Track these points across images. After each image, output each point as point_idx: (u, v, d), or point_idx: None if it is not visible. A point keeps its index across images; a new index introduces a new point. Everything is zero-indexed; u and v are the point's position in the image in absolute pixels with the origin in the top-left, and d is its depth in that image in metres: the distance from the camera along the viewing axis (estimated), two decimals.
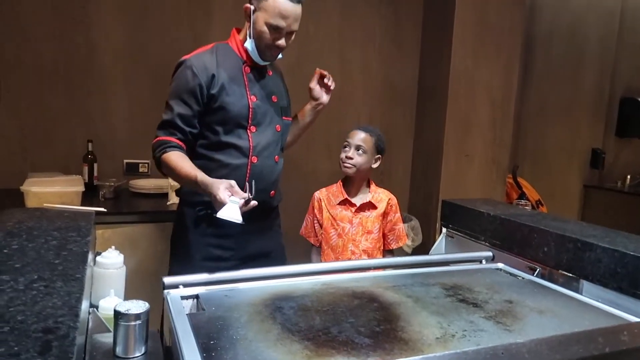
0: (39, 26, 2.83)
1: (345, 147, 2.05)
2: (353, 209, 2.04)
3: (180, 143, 1.70)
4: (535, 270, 1.65)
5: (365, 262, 1.50)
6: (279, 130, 1.83)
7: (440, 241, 2.17)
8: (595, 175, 4.84)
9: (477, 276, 1.43)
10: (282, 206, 2.02)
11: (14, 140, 2.86)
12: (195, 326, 0.99)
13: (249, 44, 1.71)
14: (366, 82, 3.71)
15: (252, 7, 1.67)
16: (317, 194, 2.11)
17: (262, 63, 1.75)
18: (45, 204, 2.01)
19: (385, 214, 2.09)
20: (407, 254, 3.43)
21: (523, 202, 2.28)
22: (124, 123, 3.07)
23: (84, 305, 1.05)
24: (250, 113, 1.74)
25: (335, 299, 1.17)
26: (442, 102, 3.59)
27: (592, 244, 1.47)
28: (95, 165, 2.88)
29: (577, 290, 1.53)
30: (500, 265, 1.58)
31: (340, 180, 2.11)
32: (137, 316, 1.02)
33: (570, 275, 1.54)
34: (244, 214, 1.41)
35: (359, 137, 2.02)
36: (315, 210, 2.10)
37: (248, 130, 1.75)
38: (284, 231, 2.02)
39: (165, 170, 1.69)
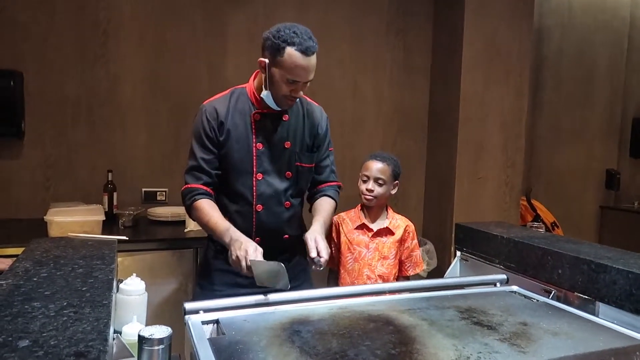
0: (63, 61, 2.96)
1: (365, 180, 2.07)
2: (370, 234, 2.07)
3: (209, 190, 1.75)
4: (551, 293, 1.65)
5: (381, 286, 1.53)
6: (290, 176, 1.81)
7: (455, 264, 2.18)
8: (611, 196, 4.81)
9: (491, 299, 1.44)
10: None
11: (38, 171, 2.96)
12: (216, 350, 1.03)
13: (265, 95, 1.71)
14: (378, 109, 3.78)
15: (267, 61, 1.65)
16: (335, 218, 2.14)
17: (277, 108, 1.76)
18: (68, 233, 2.07)
19: (402, 241, 2.11)
20: (422, 278, 3.43)
21: (536, 224, 2.29)
22: (143, 153, 3.16)
23: (110, 330, 1.10)
24: (255, 160, 1.75)
25: (351, 323, 1.20)
26: (453, 126, 3.63)
27: (607, 266, 1.48)
28: (115, 194, 2.96)
29: (593, 313, 1.54)
30: (515, 287, 1.59)
31: (359, 205, 2.14)
32: (160, 341, 1.06)
33: (586, 297, 1.55)
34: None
35: (377, 167, 2.05)
36: (333, 234, 2.13)
37: (254, 178, 1.75)
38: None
39: (195, 217, 1.75)
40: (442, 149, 3.79)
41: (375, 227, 2.08)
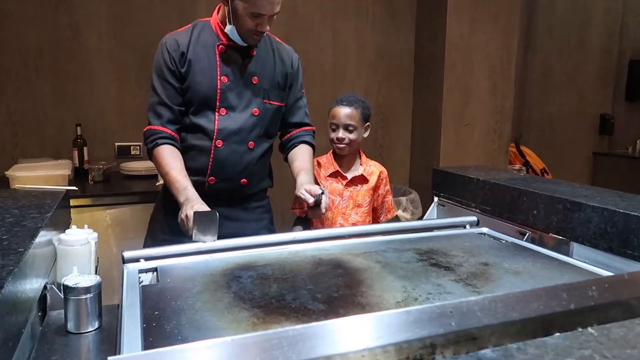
0: (21, 10, 2.79)
1: (333, 128, 1.96)
2: (344, 182, 1.97)
3: (171, 132, 1.64)
4: (525, 235, 1.58)
5: (342, 230, 1.44)
6: (257, 114, 1.70)
7: (432, 210, 2.10)
8: (604, 142, 4.69)
9: (456, 241, 1.36)
10: (276, 189, 1.94)
11: (3, 127, 2.85)
12: (144, 299, 0.95)
13: (229, 30, 1.61)
14: (360, 55, 3.61)
15: None
16: None
17: (243, 44, 1.65)
18: (15, 185, 1.98)
19: (376, 188, 2.02)
20: None
21: (518, 167, 2.19)
22: (113, 106, 3.04)
23: (36, 276, 1.02)
24: (219, 94, 1.64)
25: (298, 267, 1.12)
26: (439, 71, 3.48)
27: (582, 204, 1.39)
28: (86, 149, 2.86)
29: (567, 253, 1.46)
30: (485, 229, 1.52)
31: (331, 151, 2.03)
32: (86, 289, 0.99)
33: (560, 237, 1.47)
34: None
35: (344, 113, 1.92)
36: None
37: (216, 113, 1.65)
38: (279, 214, 1.94)
39: (155, 164, 1.65)
40: (428, 95, 3.65)
41: (349, 175, 1.98)
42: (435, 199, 2.10)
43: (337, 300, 0.93)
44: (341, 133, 1.91)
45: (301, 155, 1.79)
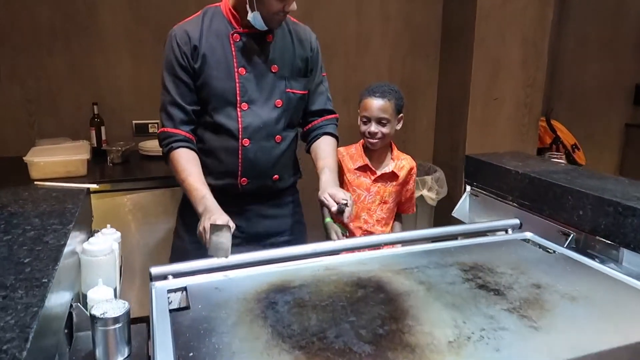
0: None
1: (364, 121, 1.83)
2: (373, 177, 1.87)
3: (186, 134, 1.54)
4: (569, 236, 1.48)
5: (378, 238, 1.36)
6: (281, 105, 1.58)
7: (464, 200, 2.01)
8: (638, 113, 4.47)
9: (500, 252, 1.28)
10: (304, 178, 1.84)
11: (19, 107, 2.77)
12: (176, 330, 0.89)
13: (252, 17, 1.45)
14: (385, 26, 3.42)
15: None
16: None
17: (265, 29, 1.51)
18: (35, 182, 1.90)
19: (404, 183, 1.92)
20: (430, 207, 3.28)
21: (556, 155, 2.06)
22: (130, 83, 2.93)
23: (61, 300, 0.96)
24: (238, 88, 1.52)
25: (336, 290, 1.05)
26: (469, 43, 3.29)
27: (636, 209, 1.29)
28: (103, 128, 2.78)
29: (616, 259, 1.38)
30: (529, 235, 1.42)
31: (361, 142, 1.92)
32: (115, 320, 0.93)
33: (609, 242, 1.37)
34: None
35: (377, 106, 1.79)
36: None
37: (238, 109, 1.53)
38: (305, 204, 1.85)
39: (172, 169, 1.56)
40: (455, 68, 3.47)
41: (379, 170, 1.87)
42: (468, 188, 2.00)
43: (383, 340, 0.86)
44: (374, 127, 1.79)
45: (325, 150, 1.67)
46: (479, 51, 3.25)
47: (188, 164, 1.50)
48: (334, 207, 1.39)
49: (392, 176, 1.88)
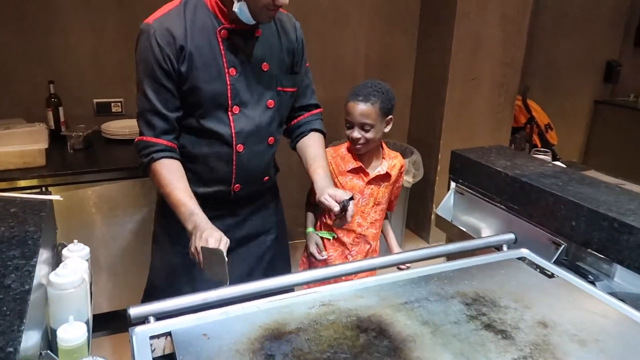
0: None
1: (348, 125, 1.72)
2: (366, 179, 1.79)
3: (168, 143, 1.39)
4: (560, 247, 1.46)
5: (370, 262, 1.28)
6: (273, 105, 1.46)
7: (449, 198, 1.96)
8: (607, 90, 4.52)
9: (500, 276, 1.23)
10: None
11: None
12: None
13: (238, 9, 1.30)
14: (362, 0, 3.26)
15: None
16: None
17: (252, 23, 1.35)
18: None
19: (395, 182, 1.86)
20: (406, 189, 3.24)
21: (542, 151, 2.02)
22: (89, 59, 2.70)
23: (28, 352, 0.85)
24: (229, 91, 1.38)
25: (336, 335, 0.97)
26: (450, 18, 3.17)
27: (632, 227, 1.26)
28: (61, 109, 2.57)
29: (608, 274, 1.36)
30: (524, 252, 1.38)
31: (349, 143, 1.82)
32: None
33: (602, 256, 1.35)
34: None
35: (359, 112, 1.67)
36: None
37: (229, 113, 1.40)
38: (285, 198, 1.78)
39: (154, 181, 1.41)
40: (435, 46, 3.36)
41: (371, 171, 1.80)
42: (453, 184, 1.95)
43: None
44: (356, 132, 1.69)
45: (315, 148, 1.58)
46: (460, 29, 3.15)
47: (172, 175, 1.36)
48: (337, 207, 1.32)
49: (385, 177, 1.81)
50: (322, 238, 1.81)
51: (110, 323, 2.29)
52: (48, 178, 2.09)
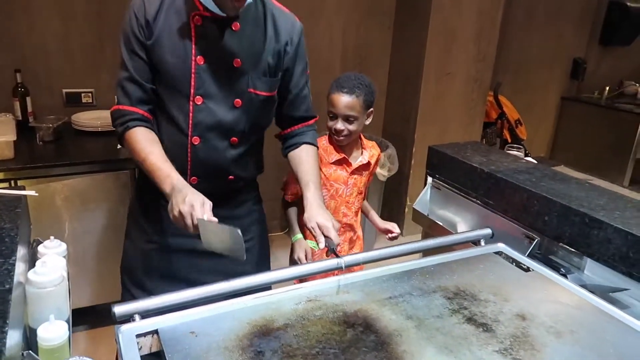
0: None
1: (331, 116, 1.73)
2: (349, 169, 1.81)
3: (143, 112, 1.37)
4: (534, 241, 1.51)
5: (354, 258, 1.30)
6: (239, 105, 1.40)
7: (425, 192, 1.99)
8: (574, 86, 4.66)
9: (479, 270, 1.27)
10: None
11: None
12: None
13: None
14: None
15: None
16: None
17: (219, 13, 1.32)
18: None
19: (372, 170, 1.91)
20: (381, 183, 3.28)
21: (515, 147, 2.08)
22: (57, 45, 2.60)
23: (10, 351, 0.83)
24: (193, 79, 1.35)
25: (324, 331, 0.99)
26: (425, 12, 3.20)
27: (602, 222, 1.31)
28: (29, 99, 2.48)
29: (579, 267, 1.42)
30: (501, 246, 1.42)
31: (328, 135, 1.83)
32: None
33: (573, 250, 1.41)
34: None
35: (344, 104, 1.69)
36: None
37: (190, 102, 1.37)
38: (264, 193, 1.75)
39: (128, 149, 1.39)
40: (410, 38, 3.39)
41: (353, 161, 1.83)
42: (430, 179, 1.99)
43: None
44: (340, 124, 1.71)
45: (307, 162, 1.53)
46: (435, 22, 3.19)
47: (147, 142, 1.34)
48: (322, 244, 1.30)
49: (366, 166, 1.86)
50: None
51: (83, 318, 2.25)
52: (17, 171, 2.02)
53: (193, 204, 1.18)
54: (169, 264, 1.51)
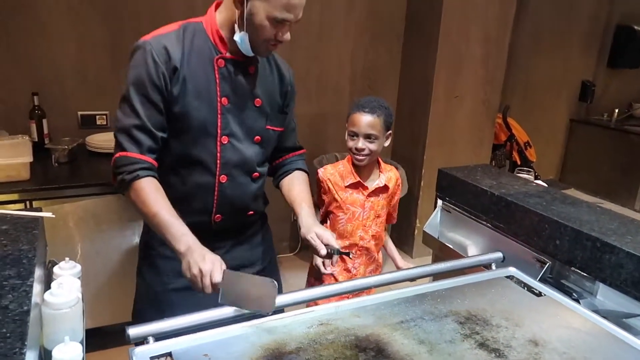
0: None
1: (352, 136, 1.77)
2: (365, 192, 1.83)
3: (152, 161, 1.35)
4: (545, 265, 1.50)
5: (365, 281, 1.31)
6: (259, 141, 1.47)
7: (435, 215, 2.00)
8: (583, 109, 4.67)
9: (490, 295, 1.27)
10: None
11: None
12: None
13: (238, 38, 1.31)
14: (348, 13, 3.31)
15: None
16: (322, 175, 1.87)
17: (250, 55, 1.36)
18: None
19: (392, 194, 1.92)
20: None
21: (525, 169, 2.09)
22: (74, 69, 2.67)
23: None
24: (220, 120, 1.37)
25: (336, 354, 0.99)
26: (434, 36, 3.25)
27: (614, 247, 1.31)
28: (45, 121, 2.53)
29: (591, 292, 1.41)
30: (512, 270, 1.42)
31: (349, 158, 1.85)
32: None
33: (585, 275, 1.40)
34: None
35: (366, 122, 1.73)
36: (321, 193, 1.89)
37: (218, 142, 1.39)
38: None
39: (133, 200, 1.35)
40: (419, 61, 3.43)
41: (370, 184, 1.84)
42: (440, 202, 1.99)
43: None
44: (361, 143, 1.74)
45: (300, 184, 1.58)
46: (444, 47, 3.23)
47: (157, 194, 1.32)
48: (323, 251, 1.32)
49: (383, 189, 1.86)
50: None
51: (94, 338, 2.25)
52: (32, 192, 2.06)
53: (214, 262, 1.19)
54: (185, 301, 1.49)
